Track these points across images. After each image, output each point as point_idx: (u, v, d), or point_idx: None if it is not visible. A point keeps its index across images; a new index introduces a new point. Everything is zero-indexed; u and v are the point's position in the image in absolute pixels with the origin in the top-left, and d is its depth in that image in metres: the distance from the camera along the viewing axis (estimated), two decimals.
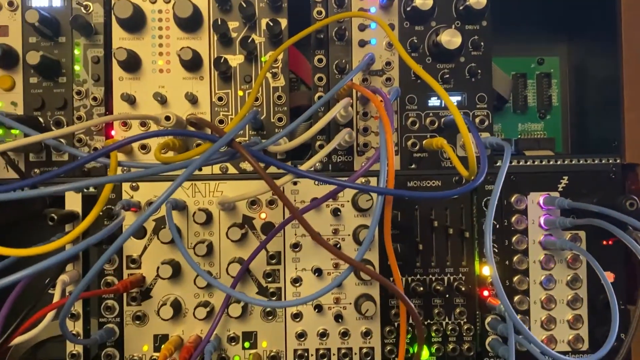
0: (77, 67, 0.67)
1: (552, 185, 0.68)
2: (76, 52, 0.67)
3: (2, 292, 0.53)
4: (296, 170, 0.52)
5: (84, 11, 0.67)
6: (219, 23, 0.65)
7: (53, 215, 0.60)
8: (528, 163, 0.69)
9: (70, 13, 0.67)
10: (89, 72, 0.67)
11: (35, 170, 0.67)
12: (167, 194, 0.48)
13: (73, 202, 0.65)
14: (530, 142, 0.75)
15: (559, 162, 0.69)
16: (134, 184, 0.64)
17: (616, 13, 0.69)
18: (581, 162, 0.69)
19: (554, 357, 0.58)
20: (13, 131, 0.65)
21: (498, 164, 0.65)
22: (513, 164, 0.69)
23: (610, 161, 0.69)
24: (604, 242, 0.68)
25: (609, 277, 0.67)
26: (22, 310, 0.56)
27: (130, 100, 0.66)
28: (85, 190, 0.65)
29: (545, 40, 0.84)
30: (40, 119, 0.66)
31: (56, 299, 0.60)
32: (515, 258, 0.67)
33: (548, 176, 0.68)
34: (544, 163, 0.69)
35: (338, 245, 0.65)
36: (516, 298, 0.67)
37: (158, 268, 0.63)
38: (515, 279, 0.67)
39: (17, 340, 0.54)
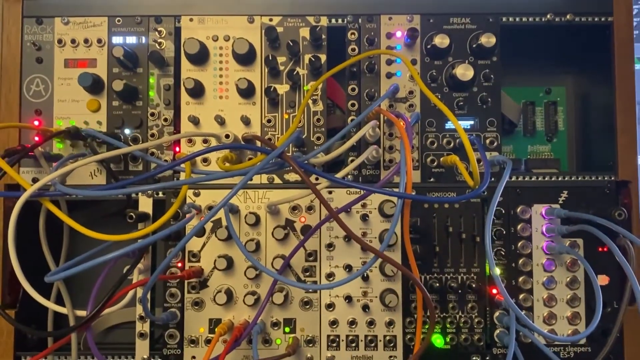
0: (151, 93, 0.80)
1: (553, 199, 0.77)
2: (151, 80, 0.80)
3: (91, 273, 0.67)
4: (332, 177, 0.63)
5: (158, 47, 0.80)
6: (270, 58, 0.77)
7: (132, 214, 0.73)
8: (533, 179, 0.79)
9: (147, 49, 0.80)
10: (161, 97, 0.80)
11: (119, 177, 0.79)
12: (230, 196, 0.60)
13: (145, 205, 0.78)
14: (538, 162, 0.85)
15: (559, 179, 0.79)
16: (196, 191, 0.77)
17: (611, 50, 0.80)
18: (580, 178, 0.79)
19: (545, 335, 0.68)
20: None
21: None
22: (519, 179, 0.79)
23: (606, 178, 0.78)
24: (600, 249, 0.77)
25: (603, 280, 0.76)
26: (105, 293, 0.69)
27: (195, 121, 0.79)
28: (155, 195, 0.78)
29: (553, 73, 0.94)
30: (121, 136, 0.80)
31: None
32: (520, 261, 0.77)
33: (550, 190, 0.78)
34: (546, 179, 0.79)
35: None
36: (521, 296, 0.77)
37: (215, 260, 0.75)
38: (520, 279, 0.77)
39: (107, 311, 0.67)
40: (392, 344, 0.76)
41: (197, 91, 0.78)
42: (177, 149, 0.80)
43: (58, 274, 0.60)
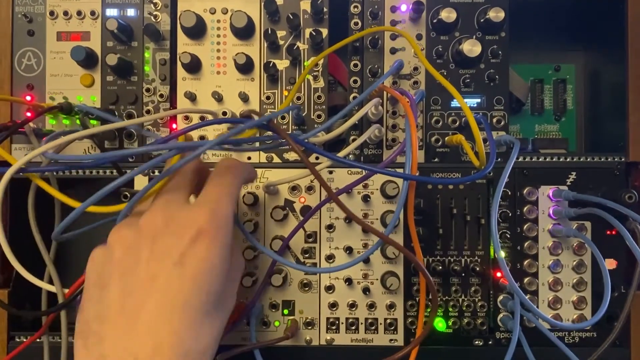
0: (146, 68, 0.77)
1: (561, 180, 0.75)
2: (146, 55, 0.77)
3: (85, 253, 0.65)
4: (332, 156, 0.60)
5: (154, 20, 0.77)
6: (269, 32, 0.74)
7: (127, 193, 0.71)
8: (540, 159, 0.76)
9: (142, 22, 0.77)
10: (156, 72, 0.77)
11: None
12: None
13: (141, 184, 0.75)
14: (545, 141, 0.82)
15: (567, 159, 0.76)
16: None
17: (624, 26, 0.77)
18: (589, 159, 0.76)
19: (548, 320, 0.67)
20: (92, 122, 0.76)
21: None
22: (526, 160, 0.76)
23: (616, 159, 0.76)
24: (608, 232, 0.75)
25: (611, 264, 0.74)
26: None
27: (192, 97, 0.76)
28: (151, 173, 0.75)
29: (562, 50, 0.91)
30: (115, 112, 0.77)
31: None
32: (526, 244, 0.75)
33: (557, 171, 0.75)
34: (554, 160, 0.76)
35: None
36: (526, 280, 0.75)
37: None
38: (525, 262, 0.75)
39: None
40: (392, 327, 0.75)
41: (194, 66, 0.76)
42: (174, 125, 0.77)
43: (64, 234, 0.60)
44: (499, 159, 0.73)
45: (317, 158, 0.75)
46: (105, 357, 0.47)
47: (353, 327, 0.75)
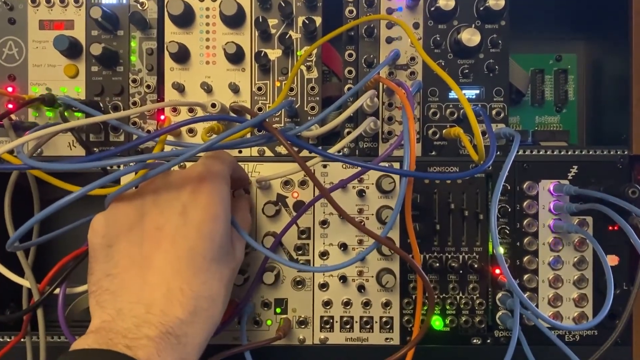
0: (133, 58, 0.75)
1: (562, 174, 0.73)
2: (132, 44, 0.75)
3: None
4: (324, 153, 0.58)
5: (140, 8, 0.74)
6: (260, 20, 0.71)
7: None
8: (541, 153, 0.74)
9: (128, 9, 0.74)
10: (143, 62, 0.75)
11: (95, 149, 0.74)
12: None
13: (127, 179, 0.73)
14: (546, 134, 0.79)
15: (569, 153, 0.74)
16: (181, 164, 0.72)
17: (628, 14, 0.74)
18: (590, 152, 0.74)
19: (547, 321, 0.65)
20: (76, 114, 0.73)
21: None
22: (526, 153, 0.74)
23: (618, 152, 0.73)
24: (610, 228, 0.72)
25: (613, 260, 0.72)
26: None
27: (180, 88, 0.73)
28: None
29: (564, 39, 0.89)
30: (100, 104, 0.74)
31: None
32: (525, 240, 0.73)
33: (558, 165, 0.73)
34: (555, 153, 0.74)
35: (362, 223, 0.72)
36: (526, 277, 0.73)
37: None
38: (525, 259, 0.73)
39: (84, 287, 0.63)
40: (388, 326, 0.73)
41: (182, 56, 0.73)
42: (163, 117, 0.75)
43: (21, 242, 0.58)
44: (499, 153, 0.71)
45: (310, 152, 0.72)
46: (119, 311, 0.47)
47: (348, 326, 0.73)
